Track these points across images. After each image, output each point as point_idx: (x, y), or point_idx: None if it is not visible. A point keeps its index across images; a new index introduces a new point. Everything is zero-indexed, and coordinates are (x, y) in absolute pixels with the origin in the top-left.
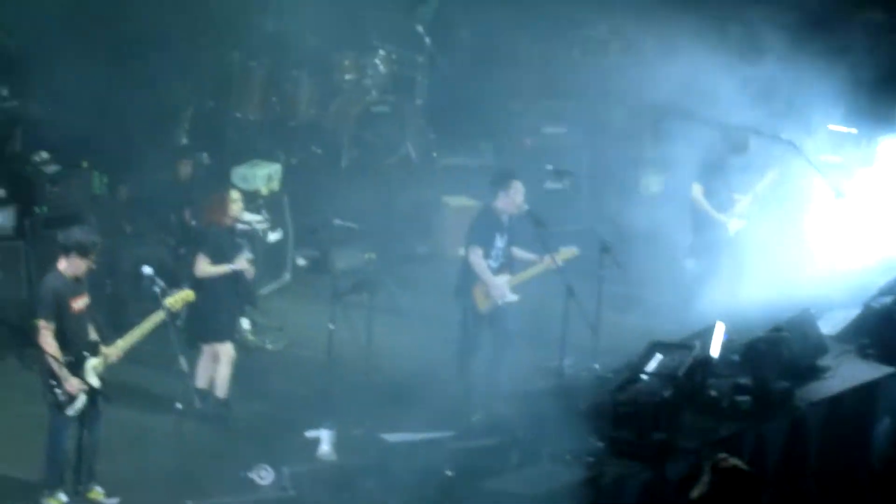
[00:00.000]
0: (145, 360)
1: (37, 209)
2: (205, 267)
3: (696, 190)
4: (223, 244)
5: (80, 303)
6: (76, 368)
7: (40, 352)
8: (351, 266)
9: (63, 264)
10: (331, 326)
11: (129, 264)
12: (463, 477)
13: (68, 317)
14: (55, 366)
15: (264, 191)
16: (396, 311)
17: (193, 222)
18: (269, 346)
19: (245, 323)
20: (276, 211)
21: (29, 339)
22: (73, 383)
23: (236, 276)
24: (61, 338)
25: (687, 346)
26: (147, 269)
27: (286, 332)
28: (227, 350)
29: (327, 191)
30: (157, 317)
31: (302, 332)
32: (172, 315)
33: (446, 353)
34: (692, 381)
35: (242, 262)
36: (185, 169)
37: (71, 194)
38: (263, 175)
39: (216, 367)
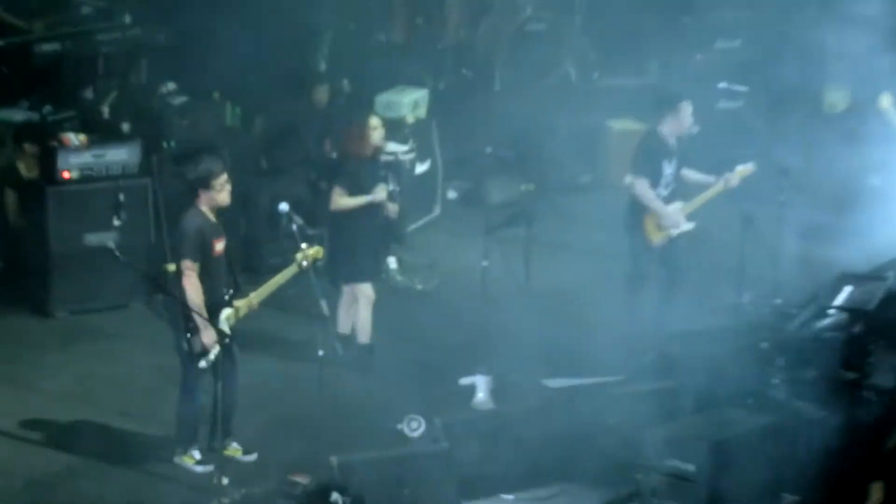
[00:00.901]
0: (283, 305)
1: (164, 144)
2: (340, 199)
3: (885, 101)
4: (362, 176)
5: (220, 245)
6: (212, 317)
7: (172, 299)
8: (506, 198)
9: (202, 201)
10: (484, 264)
11: (265, 202)
12: (632, 424)
13: (210, 259)
14: (195, 313)
15: (410, 118)
16: (556, 245)
17: (334, 154)
18: (419, 286)
19: (392, 262)
20: (424, 140)
21: (158, 284)
22: (210, 333)
23: (377, 210)
24: (202, 281)
25: (879, 277)
26: (283, 206)
27: (436, 271)
28: (366, 291)
29: (479, 117)
30: (290, 271)
31: (454, 270)
32: (312, 260)
33: (613, 291)
34: (886, 315)
35: (381, 193)
36: (322, 95)
37: (201, 127)
38: (409, 101)
39: (357, 309)
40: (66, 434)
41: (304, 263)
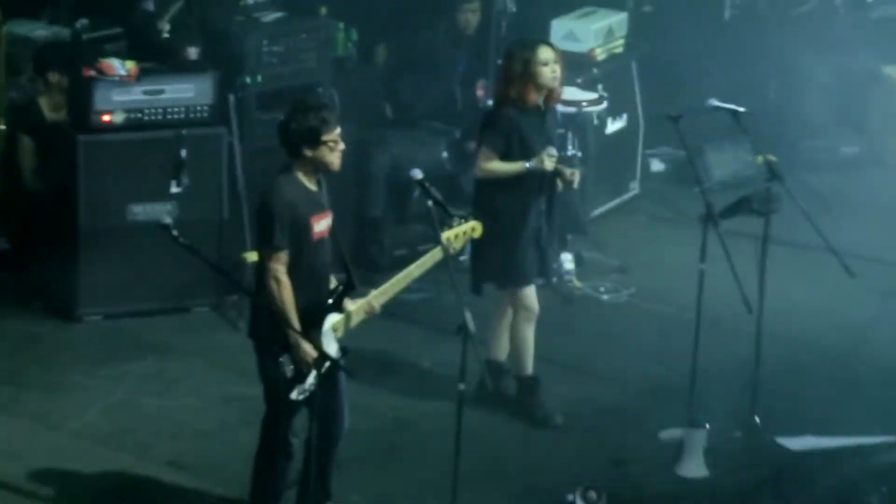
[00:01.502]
0: (410, 315)
1: (248, 80)
2: (487, 163)
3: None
4: (525, 133)
5: (322, 224)
6: (311, 328)
7: (253, 301)
8: (734, 173)
9: (301, 164)
10: (702, 267)
11: (388, 167)
12: None
13: (308, 245)
14: (284, 323)
15: (600, 54)
16: (806, 246)
17: (489, 101)
18: (604, 297)
19: (567, 260)
20: (619, 86)
21: (233, 280)
22: (306, 350)
23: (544, 184)
24: (295, 277)
25: None
26: (416, 173)
27: (631, 276)
28: (526, 301)
29: (698, 56)
30: (430, 257)
31: (656, 276)
32: (453, 251)
33: (888, 314)
34: None
35: (548, 159)
36: (471, 16)
37: (301, 57)
38: (600, 29)
39: (514, 326)
40: (91, 491)
41: (456, 246)
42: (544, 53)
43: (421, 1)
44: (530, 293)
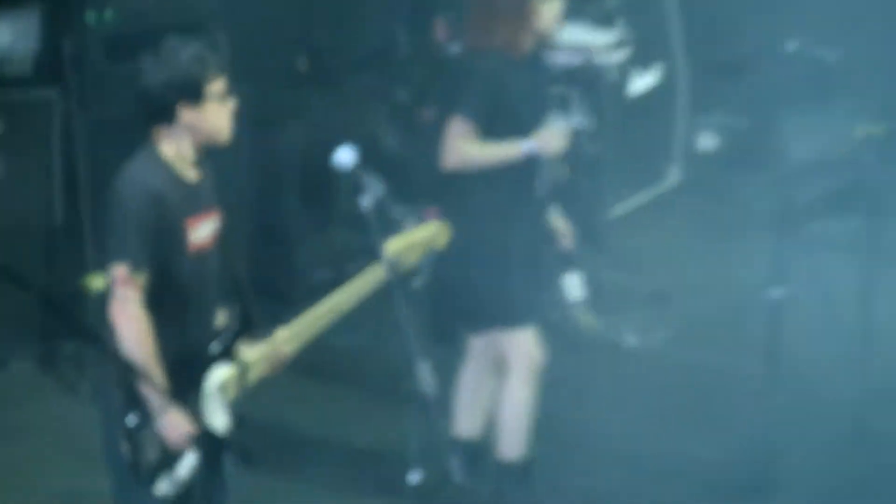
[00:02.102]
0: (339, 368)
1: (92, 16)
2: (463, 147)
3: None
4: (516, 96)
5: (204, 228)
6: (186, 387)
7: (102, 344)
8: (823, 152)
9: (166, 136)
10: (775, 293)
11: (301, 144)
12: None
13: (180, 263)
14: (141, 378)
15: None
16: None
17: (451, 47)
18: (631, 340)
19: (573, 285)
20: (649, 21)
21: (69, 318)
22: (174, 422)
23: (543, 172)
24: (159, 311)
25: None
26: (345, 156)
27: (668, 308)
28: (522, 348)
29: None
30: (367, 279)
31: (707, 305)
32: (403, 272)
33: None
34: None
35: (557, 135)
36: None
37: None
38: None
39: (500, 385)
40: None
41: (409, 262)
42: None
43: None
44: (528, 338)
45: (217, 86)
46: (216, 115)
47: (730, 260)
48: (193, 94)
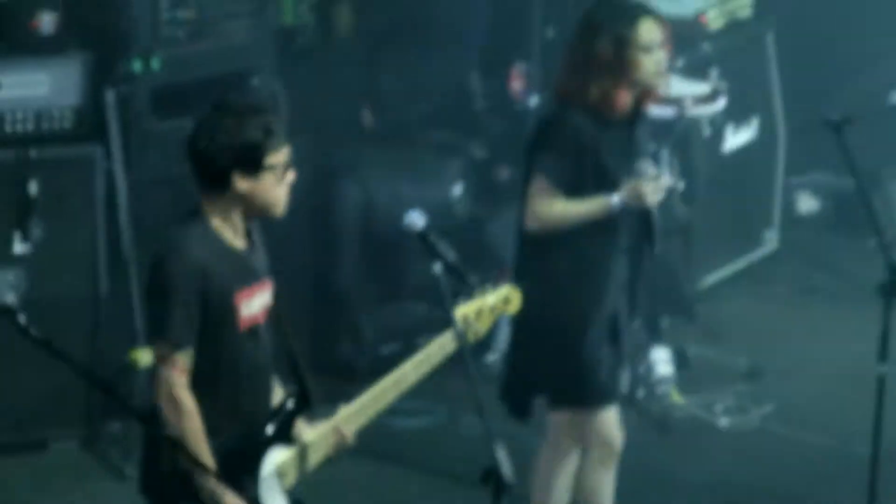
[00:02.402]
0: (405, 450)
1: (138, 65)
2: (551, 206)
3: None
4: (605, 156)
5: (256, 302)
6: (240, 472)
7: (153, 430)
8: None
9: (216, 203)
10: (882, 370)
11: (366, 208)
12: None
13: (231, 339)
14: (192, 463)
15: (714, 19)
16: None
17: (532, 99)
18: (724, 420)
19: (661, 360)
20: (746, 73)
21: (115, 395)
22: None
23: (633, 233)
24: (209, 390)
25: None
26: (416, 220)
27: (766, 384)
28: (606, 429)
29: (875, 25)
30: (436, 349)
31: (806, 382)
32: (474, 341)
33: None
34: None
35: (652, 187)
36: None
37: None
38: None
39: (581, 470)
40: None
41: (479, 330)
42: (648, 31)
43: None
44: (609, 419)
45: (278, 157)
46: (273, 188)
47: (832, 333)
48: (252, 163)
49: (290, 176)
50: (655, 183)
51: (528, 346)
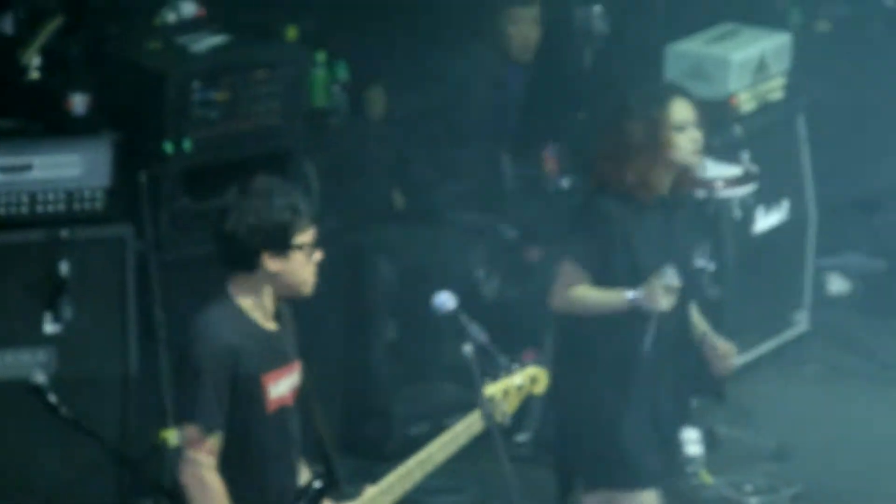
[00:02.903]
0: None
1: (169, 147)
2: (573, 290)
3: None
4: (640, 243)
5: (284, 384)
6: None
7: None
8: None
9: (244, 284)
10: None
11: (396, 288)
12: None
13: (260, 422)
14: None
15: (746, 101)
16: None
17: (563, 181)
18: (753, 501)
19: (691, 440)
20: (777, 154)
21: (145, 474)
22: None
23: (668, 322)
24: (237, 471)
25: None
26: (446, 301)
27: (796, 464)
28: None
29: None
30: (463, 428)
31: (837, 463)
32: (501, 421)
33: None
34: None
35: (664, 292)
36: (523, 30)
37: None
38: (746, 61)
39: None
40: None
41: (506, 410)
42: (681, 111)
43: (444, 11)
44: (650, 497)
45: (306, 237)
46: (302, 267)
47: (862, 414)
48: (280, 243)
49: (318, 255)
50: (668, 288)
51: (568, 429)
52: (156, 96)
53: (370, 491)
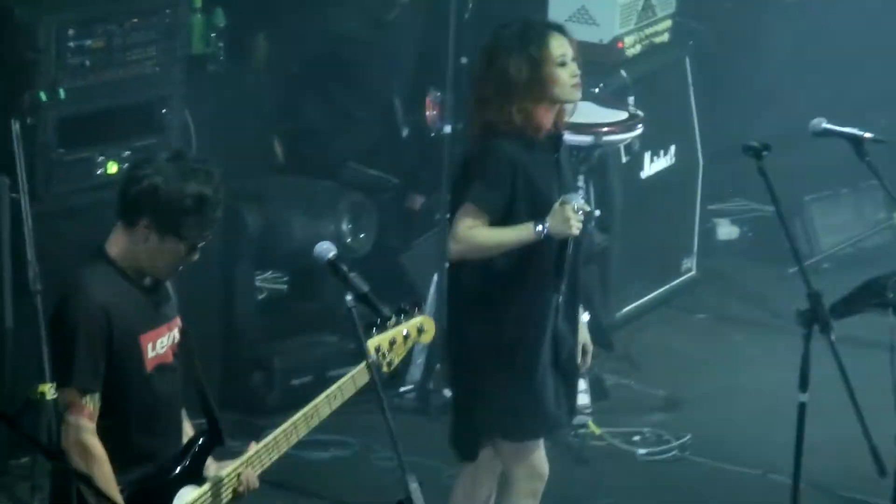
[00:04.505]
0: (317, 486)
1: (43, 95)
2: (475, 232)
3: None
4: (540, 182)
5: (163, 342)
6: None
7: (59, 465)
8: (854, 241)
9: (119, 244)
10: (802, 399)
11: (271, 237)
12: None
13: (138, 381)
14: (103, 502)
15: (631, 45)
16: None
17: (446, 127)
18: (642, 451)
19: (580, 391)
20: (664, 99)
21: (20, 430)
22: None
23: (562, 261)
24: (118, 431)
25: None
26: (326, 248)
27: (686, 414)
28: (536, 461)
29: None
30: (347, 383)
31: (726, 411)
32: (387, 372)
33: None
34: None
35: (574, 216)
36: None
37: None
38: (630, 4)
39: (499, 496)
40: None
41: (392, 360)
42: (559, 46)
43: None
44: (538, 450)
45: (192, 236)
46: (168, 255)
47: (751, 362)
48: (164, 222)
49: (194, 257)
50: (578, 212)
51: (472, 386)
52: (29, 44)
53: (255, 447)
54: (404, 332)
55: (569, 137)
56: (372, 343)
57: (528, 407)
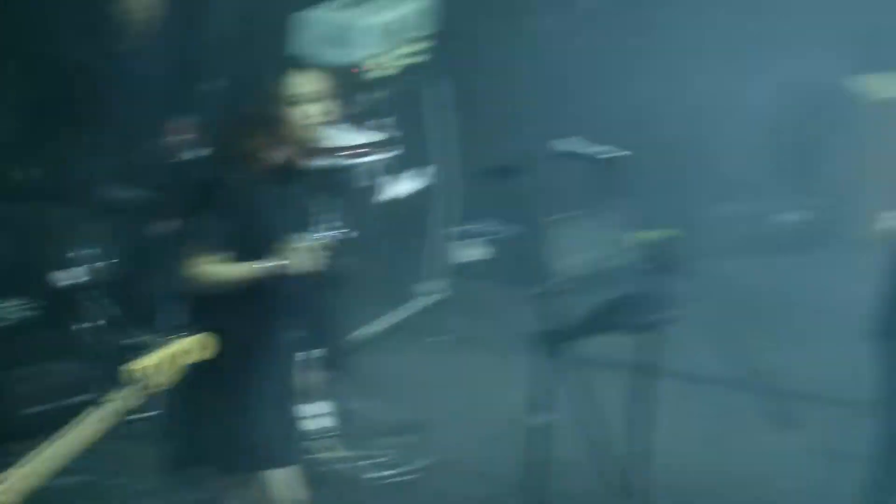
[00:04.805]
0: None
1: None
2: (210, 269)
3: None
4: (264, 210)
5: None
6: None
7: None
8: (598, 262)
9: None
10: (543, 420)
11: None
12: None
13: None
14: None
15: (378, 70)
16: (712, 378)
17: (185, 151)
18: (385, 473)
19: (323, 416)
20: (408, 123)
21: None
22: None
23: (297, 292)
24: None
25: None
26: (78, 275)
27: (429, 436)
28: (277, 492)
29: (547, 68)
30: (94, 419)
31: (471, 433)
32: (135, 406)
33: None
34: None
35: (297, 253)
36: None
37: None
38: (390, 22)
39: None
40: None
41: (161, 381)
42: (297, 85)
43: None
44: (282, 480)
45: None
46: None
47: (491, 383)
48: None
49: None
50: (305, 249)
51: (196, 415)
52: None
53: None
54: (171, 354)
55: (317, 161)
56: (135, 367)
57: (251, 440)
